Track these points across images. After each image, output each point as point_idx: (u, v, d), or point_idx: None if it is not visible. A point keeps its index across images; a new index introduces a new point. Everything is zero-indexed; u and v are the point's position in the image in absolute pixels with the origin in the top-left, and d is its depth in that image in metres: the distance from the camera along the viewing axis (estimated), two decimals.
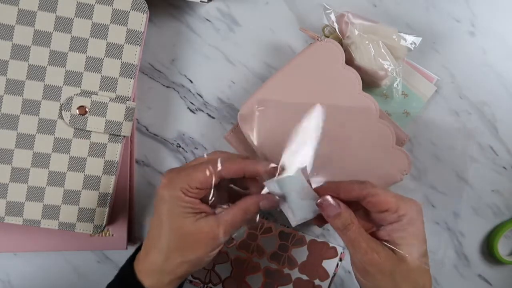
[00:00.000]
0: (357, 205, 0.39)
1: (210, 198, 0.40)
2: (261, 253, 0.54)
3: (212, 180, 0.39)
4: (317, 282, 0.54)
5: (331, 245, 0.55)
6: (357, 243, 0.37)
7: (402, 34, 0.51)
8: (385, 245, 0.38)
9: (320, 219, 0.41)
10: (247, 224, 0.43)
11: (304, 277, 0.54)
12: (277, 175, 0.39)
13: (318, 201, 0.38)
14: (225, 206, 0.40)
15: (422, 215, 0.38)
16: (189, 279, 0.53)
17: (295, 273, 0.54)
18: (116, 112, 0.47)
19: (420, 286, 0.38)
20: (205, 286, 0.54)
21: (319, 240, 0.55)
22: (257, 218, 0.41)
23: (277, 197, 0.40)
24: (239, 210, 0.39)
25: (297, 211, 0.40)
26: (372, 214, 0.39)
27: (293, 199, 0.40)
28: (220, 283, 0.54)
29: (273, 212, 0.55)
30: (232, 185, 0.43)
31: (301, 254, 0.55)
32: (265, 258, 0.54)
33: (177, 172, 0.39)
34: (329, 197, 0.38)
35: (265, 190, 0.40)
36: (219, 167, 0.39)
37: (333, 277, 0.55)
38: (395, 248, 0.37)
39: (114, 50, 0.47)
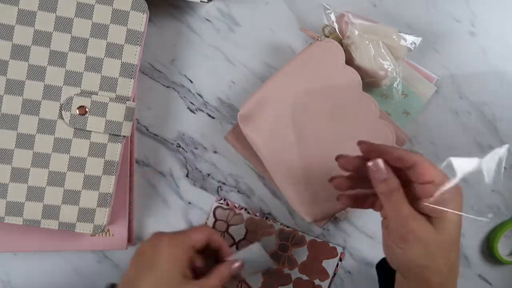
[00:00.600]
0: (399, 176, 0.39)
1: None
2: None
3: (205, 242, 0.44)
4: (317, 282, 0.55)
5: (331, 245, 0.55)
6: (400, 209, 0.37)
7: (402, 34, 0.51)
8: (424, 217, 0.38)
9: (348, 199, 0.43)
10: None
11: (304, 277, 0.54)
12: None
13: (369, 163, 0.38)
14: None
15: (462, 197, 0.38)
16: None
17: (295, 273, 0.54)
18: (116, 112, 0.47)
19: (451, 262, 0.38)
20: None
21: (319, 240, 0.55)
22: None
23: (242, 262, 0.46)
24: (215, 277, 0.43)
25: (253, 268, 0.48)
26: (413, 185, 0.38)
27: (250, 263, 0.47)
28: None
29: (272, 211, 0.55)
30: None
31: (301, 254, 0.55)
32: None
33: (176, 233, 0.44)
34: (380, 161, 0.38)
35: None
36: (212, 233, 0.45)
37: (333, 277, 0.55)
38: (434, 220, 0.37)
39: (114, 50, 0.47)
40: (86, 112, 0.47)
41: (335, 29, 0.50)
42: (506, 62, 0.56)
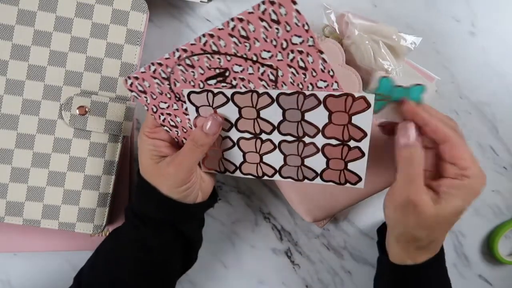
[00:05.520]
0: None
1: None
2: (268, 128, 0.42)
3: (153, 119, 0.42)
4: (352, 144, 0.41)
5: (357, 95, 0.38)
6: (411, 179, 0.37)
7: (402, 34, 0.51)
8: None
9: (386, 129, 0.42)
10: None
11: (334, 142, 0.41)
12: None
13: (399, 124, 0.38)
14: None
15: (481, 189, 0.38)
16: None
17: (320, 140, 0.41)
18: (116, 112, 0.47)
19: (435, 238, 0.39)
20: (221, 172, 0.46)
21: (337, 94, 0.38)
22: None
23: (219, 117, 0.41)
24: (188, 144, 0.41)
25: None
26: (439, 161, 0.39)
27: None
28: (237, 169, 0.45)
29: (272, 211, 0.55)
30: None
31: (318, 116, 0.40)
32: (275, 132, 0.42)
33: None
34: (410, 125, 0.38)
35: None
36: None
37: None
38: (439, 199, 0.37)
39: (114, 50, 0.47)
40: (86, 112, 0.47)
41: (335, 29, 0.50)
42: (506, 62, 0.56)
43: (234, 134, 0.42)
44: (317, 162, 0.42)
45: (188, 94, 0.41)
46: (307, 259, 0.56)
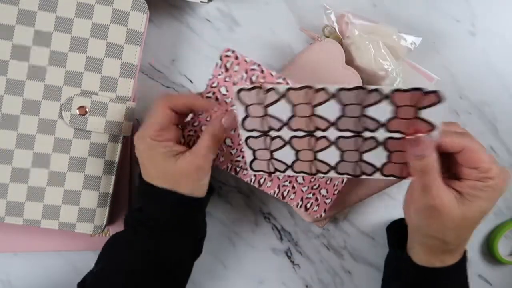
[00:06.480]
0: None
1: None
2: (324, 125, 0.40)
3: (169, 115, 0.42)
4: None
5: (428, 89, 0.36)
6: (429, 189, 0.37)
7: (402, 34, 0.51)
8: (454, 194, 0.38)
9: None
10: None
11: (397, 135, 0.39)
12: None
13: (408, 136, 0.38)
14: None
15: (505, 186, 0.38)
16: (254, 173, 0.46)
17: (382, 133, 0.39)
18: (116, 112, 0.47)
19: (463, 238, 0.40)
20: (271, 174, 0.45)
21: (405, 88, 0.36)
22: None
23: (234, 112, 0.42)
24: (207, 136, 0.42)
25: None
26: (457, 165, 0.38)
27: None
28: (288, 168, 0.43)
29: (272, 211, 0.55)
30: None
31: (381, 111, 0.38)
32: (332, 128, 0.40)
33: (142, 126, 0.43)
34: (423, 137, 0.37)
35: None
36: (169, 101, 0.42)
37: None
38: (463, 199, 0.37)
39: (114, 50, 0.47)
40: (86, 112, 0.47)
41: (335, 29, 0.50)
42: (506, 62, 0.56)
43: (286, 133, 0.41)
44: (377, 157, 0.40)
45: (238, 91, 0.39)
46: (307, 259, 0.56)
